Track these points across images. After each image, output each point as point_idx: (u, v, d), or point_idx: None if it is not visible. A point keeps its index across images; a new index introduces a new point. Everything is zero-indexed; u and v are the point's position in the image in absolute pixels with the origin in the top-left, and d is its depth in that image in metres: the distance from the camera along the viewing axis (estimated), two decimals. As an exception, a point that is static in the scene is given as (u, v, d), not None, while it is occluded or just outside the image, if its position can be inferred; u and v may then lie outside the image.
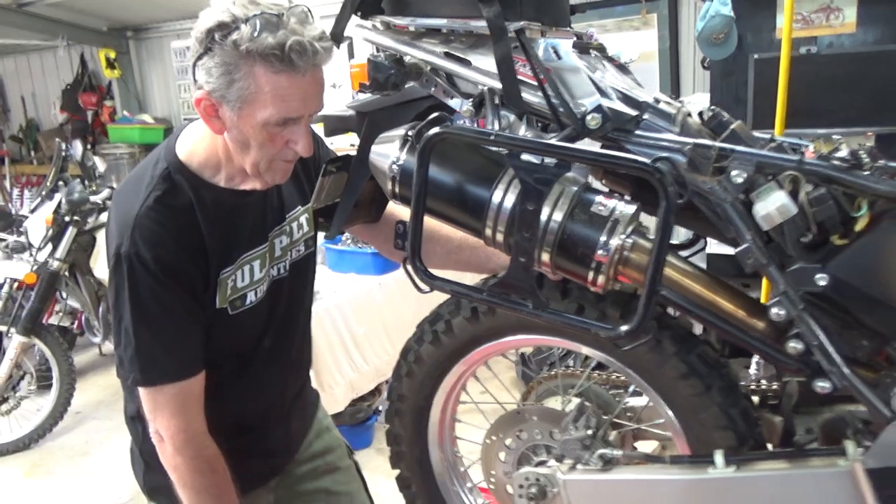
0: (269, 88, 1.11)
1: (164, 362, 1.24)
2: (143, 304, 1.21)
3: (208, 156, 1.27)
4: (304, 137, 1.19)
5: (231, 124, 1.17)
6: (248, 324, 1.36)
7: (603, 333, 0.96)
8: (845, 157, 0.92)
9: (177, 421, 1.25)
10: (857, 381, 0.95)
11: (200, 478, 1.28)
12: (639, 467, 1.18)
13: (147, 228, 1.20)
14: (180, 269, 1.22)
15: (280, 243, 1.40)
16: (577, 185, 1.01)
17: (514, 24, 1.02)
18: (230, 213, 1.29)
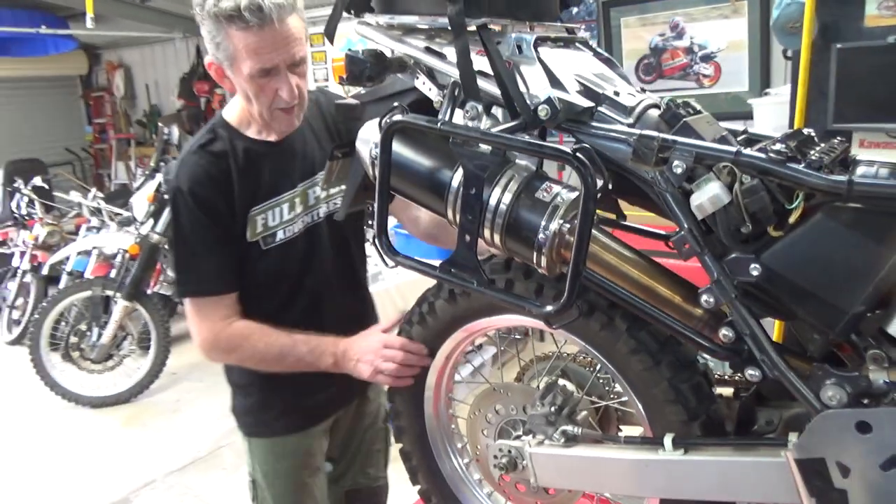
0: (241, 45, 1.33)
1: (195, 278, 1.49)
2: (182, 230, 1.47)
3: (241, 114, 1.52)
4: (286, 85, 1.38)
5: (234, 82, 1.41)
6: (285, 259, 1.55)
7: (534, 311, 1.02)
8: (781, 150, 0.93)
9: (204, 328, 1.48)
10: (788, 370, 0.96)
11: (241, 348, 1.48)
12: (597, 446, 1.23)
13: (188, 167, 1.46)
14: (211, 203, 1.45)
15: (313, 193, 1.58)
16: (527, 172, 1.07)
17: (476, 21, 1.09)
18: (258, 159, 1.51)
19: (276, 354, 1.47)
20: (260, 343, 1.48)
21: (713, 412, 1.14)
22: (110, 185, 8.17)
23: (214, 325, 1.49)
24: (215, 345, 1.50)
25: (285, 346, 1.47)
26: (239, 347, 1.48)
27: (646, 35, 4.72)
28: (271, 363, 1.50)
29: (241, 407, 1.67)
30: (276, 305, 1.57)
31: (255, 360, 1.51)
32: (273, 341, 1.48)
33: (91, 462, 3.69)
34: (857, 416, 0.91)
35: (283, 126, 1.49)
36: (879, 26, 3.10)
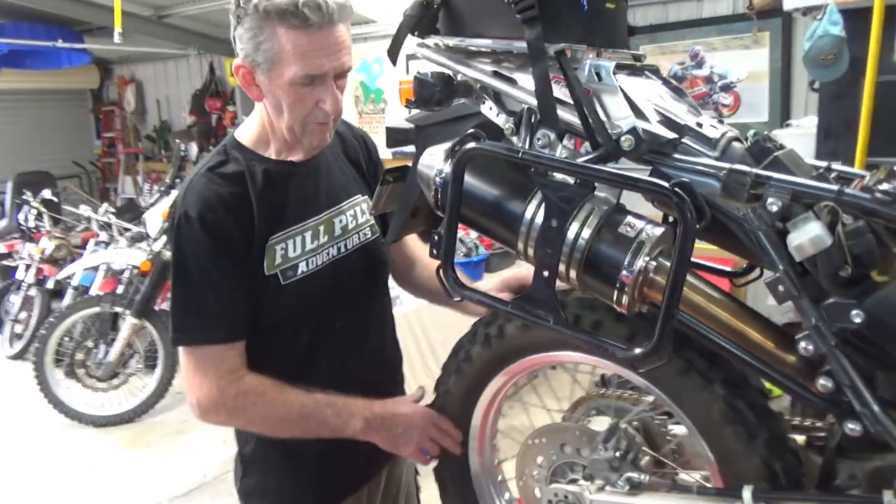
0: (290, 46, 1.18)
1: (199, 323, 1.26)
2: (185, 263, 1.26)
3: (259, 133, 1.36)
4: (331, 96, 1.25)
5: (266, 89, 1.26)
6: (308, 296, 1.36)
7: (619, 354, 0.96)
8: (889, 190, 0.88)
9: (206, 384, 1.25)
10: (892, 425, 0.90)
11: (254, 407, 1.27)
12: (665, 494, 1.16)
13: (197, 192, 1.28)
14: (224, 230, 1.26)
15: (340, 223, 1.42)
16: (607, 205, 1.01)
17: (555, 46, 1.05)
18: (278, 182, 1.35)
19: (295, 417, 1.27)
20: (277, 402, 1.26)
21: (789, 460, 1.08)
22: (116, 200, 8.13)
23: (219, 379, 1.25)
24: (219, 403, 1.26)
25: (306, 407, 1.27)
26: (251, 407, 1.26)
27: (665, 63, 4.71)
28: (287, 427, 1.29)
29: (260, 487, 1.44)
30: (297, 351, 1.37)
31: (268, 424, 1.29)
32: (292, 400, 1.27)
33: (92, 484, 3.60)
34: (972, 477, 0.85)
35: (316, 142, 1.34)
36: (912, 61, 3.08)
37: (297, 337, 1.38)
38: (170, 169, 6.26)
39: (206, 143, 7.18)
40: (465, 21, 1.16)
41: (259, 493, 1.45)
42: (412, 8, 1.19)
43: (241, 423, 1.33)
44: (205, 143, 7.16)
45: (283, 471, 1.43)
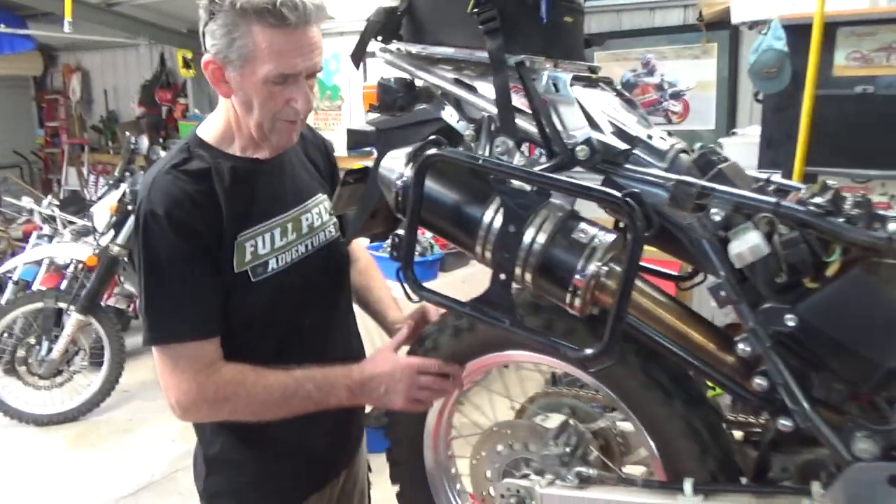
0: (265, 45, 1.19)
1: (172, 320, 1.25)
2: (155, 261, 1.25)
3: (224, 130, 1.36)
4: (303, 95, 1.26)
5: (236, 85, 1.25)
6: (278, 293, 1.36)
7: (571, 354, 1.01)
8: (821, 203, 0.95)
9: (184, 380, 1.25)
10: (820, 422, 0.97)
11: (235, 396, 1.27)
12: (612, 488, 1.21)
13: (162, 189, 1.26)
14: (192, 227, 1.25)
15: (307, 220, 1.44)
16: (562, 212, 1.06)
17: (515, 57, 1.09)
18: (246, 178, 1.34)
19: (278, 398, 1.27)
20: (258, 386, 1.26)
21: (725, 447, 1.15)
22: (59, 191, 7.86)
23: (197, 375, 1.25)
24: (201, 398, 1.25)
25: (288, 386, 1.27)
26: (233, 396, 1.26)
27: (618, 69, 4.83)
28: (273, 409, 1.28)
29: (225, 488, 1.43)
30: (266, 349, 1.36)
31: (252, 410, 1.28)
32: (273, 383, 1.27)
33: (35, 485, 3.48)
34: (890, 470, 0.92)
35: (283, 140, 1.34)
36: (846, 76, 3.25)
37: (266, 335, 1.38)
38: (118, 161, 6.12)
39: (155, 136, 7.02)
40: (427, 29, 1.19)
41: (225, 494, 1.45)
42: (376, 14, 1.21)
43: (225, 414, 1.31)
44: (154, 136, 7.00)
45: (249, 471, 1.43)
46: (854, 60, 3.26)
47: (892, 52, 3.25)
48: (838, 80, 3.27)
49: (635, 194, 0.94)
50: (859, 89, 3.20)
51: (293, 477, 1.45)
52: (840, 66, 3.27)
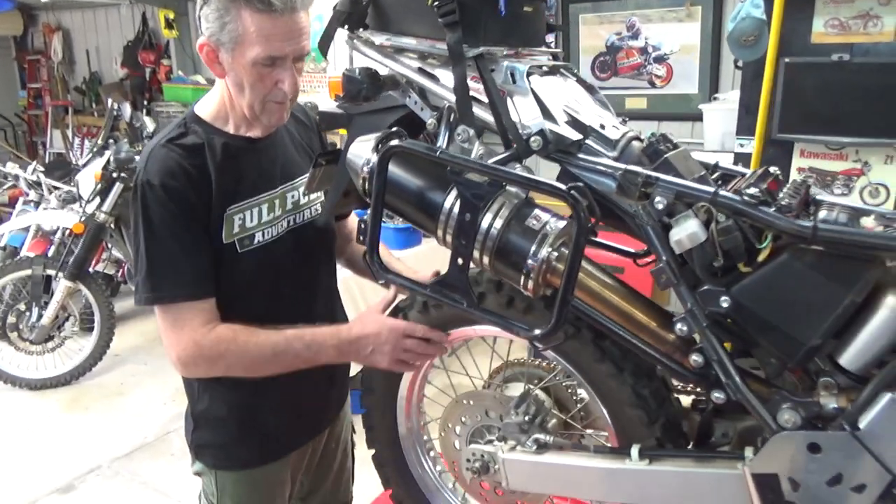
0: (253, 28, 1.25)
1: (173, 280, 1.34)
2: (153, 227, 1.33)
3: (218, 108, 1.43)
4: (290, 77, 1.33)
5: (228, 67, 1.32)
6: (262, 264, 1.45)
7: (522, 334, 1.08)
8: (754, 194, 1.01)
9: (184, 338, 1.34)
10: (750, 394, 1.05)
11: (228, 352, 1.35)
12: (567, 453, 1.31)
13: (158, 160, 1.34)
14: (185, 197, 1.33)
15: (292, 197, 1.51)
16: (517, 199, 1.12)
17: (474, 50, 1.13)
18: (237, 155, 1.42)
19: (269, 355, 1.35)
20: (249, 344, 1.35)
21: (670, 413, 1.24)
22: (45, 154, 7.82)
23: (194, 332, 1.34)
24: (199, 354, 1.34)
25: (278, 344, 1.35)
26: (227, 353, 1.34)
27: (603, 33, 4.82)
28: (264, 366, 1.37)
29: (211, 441, 1.53)
30: (251, 317, 1.41)
31: (244, 366, 1.37)
32: (263, 341, 1.35)
33: (31, 447, 3.59)
34: (810, 438, 1.01)
35: (274, 120, 1.41)
36: (825, 43, 3.27)
37: (250, 305, 1.45)
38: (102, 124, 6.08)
39: (139, 98, 6.96)
40: (391, 19, 1.23)
41: (211, 447, 1.55)
42: (342, 4, 1.25)
43: (221, 370, 1.39)
44: (138, 98, 6.94)
45: (234, 426, 1.52)
46: (832, 28, 3.29)
47: (869, 19, 3.28)
48: (816, 47, 3.30)
49: (579, 187, 1.00)
50: (836, 56, 3.24)
51: (276, 433, 1.54)
52: (818, 34, 3.30)
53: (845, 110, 3.22)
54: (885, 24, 3.26)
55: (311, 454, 1.67)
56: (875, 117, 3.17)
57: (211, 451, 1.54)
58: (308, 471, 1.69)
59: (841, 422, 1.00)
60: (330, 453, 1.74)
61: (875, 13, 3.26)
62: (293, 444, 1.60)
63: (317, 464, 1.71)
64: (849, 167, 3.41)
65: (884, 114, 3.16)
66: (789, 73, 3.30)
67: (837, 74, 3.23)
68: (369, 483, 1.94)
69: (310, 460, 1.68)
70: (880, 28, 3.27)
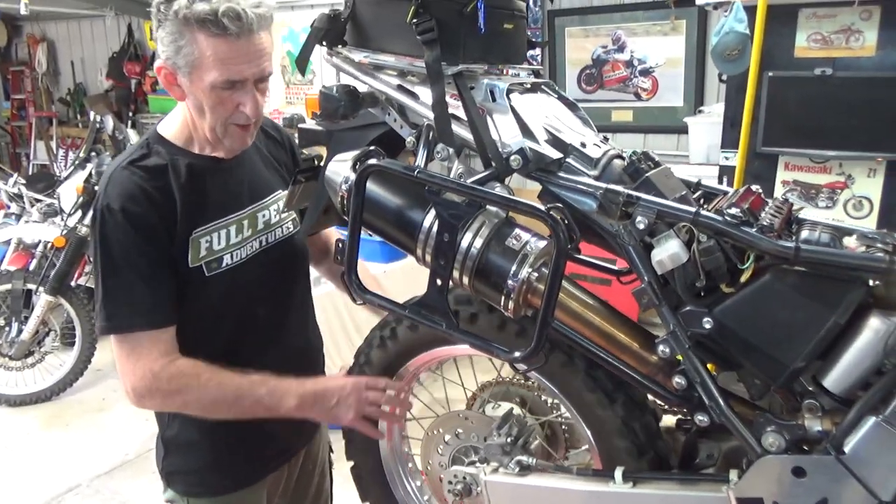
0: (209, 52, 1.21)
1: (128, 310, 1.28)
2: (111, 254, 1.28)
3: (182, 127, 1.38)
4: (251, 101, 1.28)
5: (187, 90, 1.28)
6: (232, 288, 1.40)
7: (501, 356, 1.06)
8: (736, 214, 1.00)
9: (139, 368, 1.28)
10: (734, 417, 1.04)
11: (188, 388, 1.30)
12: (550, 475, 1.28)
13: (119, 184, 1.29)
14: (147, 222, 1.28)
15: (263, 217, 1.47)
16: (497, 219, 1.11)
17: (453, 68, 1.12)
18: (202, 176, 1.36)
19: (230, 398, 1.31)
20: (211, 383, 1.30)
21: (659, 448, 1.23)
22: (29, 166, 7.73)
23: (153, 363, 1.28)
24: (154, 387, 1.28)
25: (241, 388, 1.31)
26: (185, 388, 1.29)
27: (589, 46, 4.85)
28: (223, 408, 1.32)
29: (182, 467, 1.49)
30: (219, 343, 1.39)
31: (202, 405, 1.32)
32: (226, 382, 1.31)
33: (10, 465, 3.51)
34: (794, 462, 1.00)
35: (237, 144, 1.37)
36: (808, 58, 3.30)
37: (220, 329, 1.42)
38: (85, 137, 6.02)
39: (125, 110, 6.92)
40: (370, 36, 1.22)
41: (182, 473, 1.50)
42: (320, 20, 1.24)
43: (176, 406, 1.35)
44: (124, 109, 6.89)
45: (206, 452, 1.47)
46: (815, 42, 3.31)
47: (851, 33, 3.31)
48: (799, 61, 3.32)
49: (558, 208, 0.99)
50: (818, 71, 3.26)
51: (250, 458, 1.50)
52: (801, 48, 3.33)
53: (829, 124, 3.25)
54: (866, 39, 3.29)
55: (287, 477, 1.63)
56: (858, 131, 3.19)
57: (182, 477, 1.50)
58: (285, 494, 1.65)
59: (826, 445, 0.98)
60: (307, 475, 1.70)
61: (857, 28, 3.29)
62: (268, 469, 1.55)
63: (294, 486, 1.67)
64: (833, 180, 3.43)
65: (867, 127, 3.18)
66: (773, 87, 3.32)
67: (820, 88, 3.25)
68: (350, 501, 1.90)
69: (286, 483, 1.64)
70: (862, 43, 3.30)
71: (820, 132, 3.26)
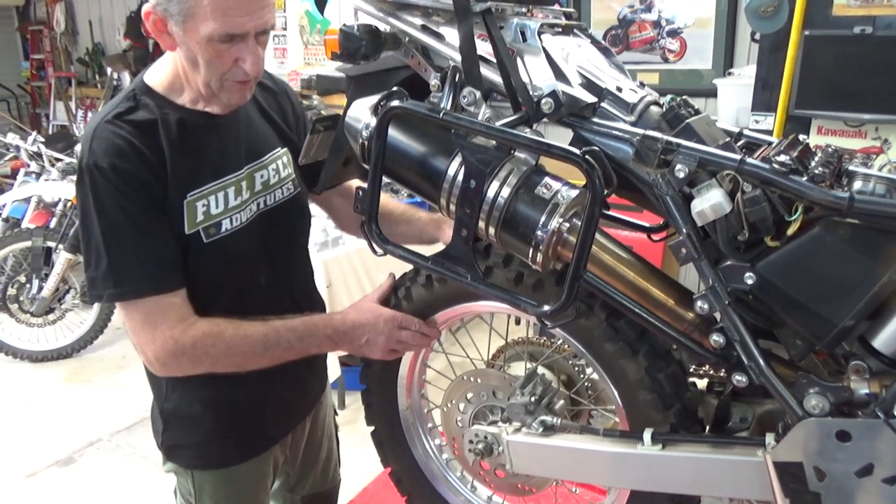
0: (207, 1, 1.10)
1: (138, 275, 1.19)
2: (110, 215, 1.17)
3: (173, 78, 1.26)
4: (252, 55, 1.18)
5: (179, 40, 1.16)
6: (232, 254, 1.32)
7: (529, 311, 1.01)
8: (785, 161, 0.93)
9: (158, 336, 1.20)
10: (774, 378, 0.98)
11: (214, 350, 1.23)
12: (575, 436, 1.24)
13: (104, 140, 1.18)
14: (140, 179, 1.18)
15: (261, 178, 1.37)
16: (526, 166, 1.04)
17: (481, 5, 1.05)
18: (195, 133, 1.26)
19: (259, 349, 1.24)
20: (236, 339, 1.23)
21: (686, 400, 1.17)
22: (48, 126, 7.74)
23: (172, 329, 1.19)
24: (178, 353, 1.20)
25: (269, 336, 1.24)
26: (212, 349, 1.22)
27: (615, 6, 4.69)
28: (253, 360, 1.25)
29: (185, 440, 1.41)
30: (220, 310, 1.28)
31: (233, 361, 1.25)
32: (252, 334, 1.24)
33: (32, 419, 3.57)
34: (839, 426, 0.94)
35: (235, 100, 1.25)
36: (847, 16, 3.15)
37: (220, 296, 1.33)
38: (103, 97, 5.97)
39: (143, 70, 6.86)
40: (394, -28, 1.14)
41: (183, 448, 1.43)
42: (341, -44, 1.16)
43: (205, 368, 1.25)
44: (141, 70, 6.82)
45: (210, 424, 1.40)
46: (854, 0, 3.16)
47: (894, -10, 3.15)
48: (837, 19, 3.18)
49: (594, 152, 0.92)
50: (858, 30, 3.11)
51: (255, 428, 1.45)
52: (840, 6, 3.17)
53: (866, 86, 3.11)
54: (910, -4, 3.14)
55: (293, 443, 1.59)
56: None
57: (184, 451, 1.43)
58: (293, 462, 1.61)
59: (874, 409, 0.93)
60: (315, 442, 1.66)
61: (900, -16, 3.13)
62: (274, 438, 1.51)
63: (303, 454, 1.63)
64: (868, 145, 3.30)
65: (907, 89, 3.05)
66: (808, 47, 3.18)
67: (859, 48, 3.11)
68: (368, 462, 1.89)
69: (293, 450, 1.59)
70: (906, -1, 3.15)
71: (856, 94, 3.13)
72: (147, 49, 6.97)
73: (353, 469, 1.90)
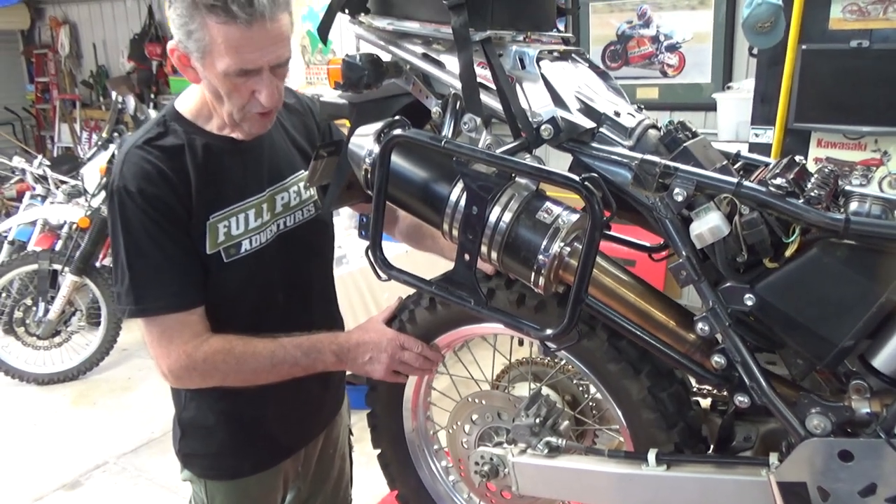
0: (220, 39, 1.14)
1: (158, 292, 1.26)
2: (135, 236, 1.25)
3: (201, 105, 1.33)
4: (267, 88, 1.22)
5: (201, 74, 1.22)
6: (251, 273, 1.37)
7: (532, 335, 1.02)
8: (781, 184, 0.95)
9: (173, 351, 1.27)
10: (776, 398, 0.99)
11: (224, 365, 1.29)
12: (580, 457, 1.25)
13: (134, 164, 1.25)
14: (166, 203, 1.25)
15: (282, 199, 1.42)
16: (527, 191, 1.06)
17: (481, 34, 1.07)
18: (219, 158, 1.32)
19: (267, 365, 1.30)
20: (246, 355, 1.29)
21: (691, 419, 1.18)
22: (53, 149, 7.80)
23: (185, 345, 1.27)
24: (190, 367, 1.28)
25: (276, 353, 1.30)
26: (222, 364, 1.28)
27: (614, 21, 4.73)
28: (262, 376, 1.31)
29: (199, 450, 1.48)
30: (239, 328, 1.34)
31: (242, 377, 1.31)
32: (261, 350, 1.30)
33: (38, 442, 3.57)
34: (841, 446, 0.95)
35: (255, 129, 1.31)
36: (843, 30, 3.18)
37: (238, 316, 1.38)
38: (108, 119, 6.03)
39: (146, 91, 6.93)
40: (394, 2, 1.17)
41: (198, 457, 1.49)
42: (342, -13, 1.19)
43: (216, 381, 1.33)
44: (145, 91, 6.90)
45: (224, 436, 1.45)
46: (850, 13, 3.19)
47: (889, 4, 3.18)
48: (834, 33, 3.20)
49: (593, 178, 0.94)
50: (854, 43, 3.14)
51: (268, 442, 1.49)
52: (836, 20, 3.20)
53: (864, 98, 3.13)
54: (906, 9, 3.16)
55: (305, 459, 1.61)
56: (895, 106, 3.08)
57: (199, 460, 1.49)
58: (305, 477, 1.63)
59: (875, 428, 0.93)
60: (328, 459, 1.68)
61: (896, -2, 3.16)
62: (286, 453, 1.54)
63: (314, 471, 1.64)
64: (867, 157, 3.32)
65: (905, 102, 3.06)
66: (806, 60, 3.21)
67: (856, 61, 3.14)
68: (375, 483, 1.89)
69: (305, 466, 1.61)
70: (901, 13, 3.17)
71: (855, 107, 3.15)
72: (151, 71, 7.05)
73: (358, 489, 1.90)
